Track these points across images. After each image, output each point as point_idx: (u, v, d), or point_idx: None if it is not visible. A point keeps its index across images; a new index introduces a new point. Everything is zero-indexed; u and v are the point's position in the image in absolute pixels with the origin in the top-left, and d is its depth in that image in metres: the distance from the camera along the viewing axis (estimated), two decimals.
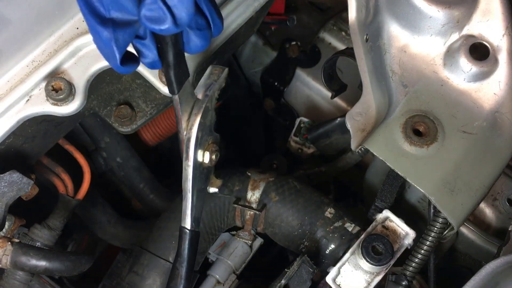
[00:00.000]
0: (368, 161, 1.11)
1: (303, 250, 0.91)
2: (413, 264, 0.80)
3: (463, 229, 0.96)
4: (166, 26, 0.57)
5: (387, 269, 0.80)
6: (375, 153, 0.79)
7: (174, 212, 0.94)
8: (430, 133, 0.80)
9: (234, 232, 1.00)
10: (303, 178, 1.12)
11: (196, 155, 0.75)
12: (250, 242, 0.98)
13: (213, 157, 0.78)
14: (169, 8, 0.56)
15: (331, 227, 0.89)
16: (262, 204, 0.92)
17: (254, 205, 0.93)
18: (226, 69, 0.79)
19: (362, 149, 0.97)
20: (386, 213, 0.84)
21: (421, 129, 0.81)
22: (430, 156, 0.79)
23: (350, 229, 0.88)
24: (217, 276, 0.95)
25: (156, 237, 0.93)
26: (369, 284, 0.79)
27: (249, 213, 0.92)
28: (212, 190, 0.83)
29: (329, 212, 0.90)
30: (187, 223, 0.75)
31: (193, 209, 0.76)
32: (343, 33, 1.27)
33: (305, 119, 1.19)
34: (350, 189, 1.24)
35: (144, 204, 1.27)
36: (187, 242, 0.76)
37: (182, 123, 0.74)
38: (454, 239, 0.97)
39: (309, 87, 1.27)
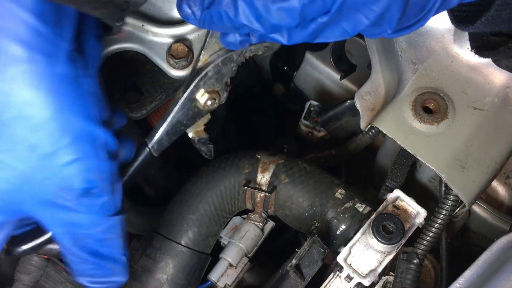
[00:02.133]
0: (379, 144, 1.10)
1: (314, 231, 0.91)
2: (425, 242, 0.80)
3: (475, 208, 0.95)
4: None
5: (399, 248, 0.79)
6: (384, 132, 0.79)
7: (185, 196, 0.95)
8: (440, 110, 0.79)
9: (245, 216, 1.00)
10: (314, 161, 1.12)
11: (196, 90, 0.75)
12: (261, 225, 0.98)
13: (209, 102, 0.76)
14: None
15: (342, 208, 0.88)
16: (272, 186, 0.92)
17: (264, 187, 0.93)
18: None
19: (373, 130, 0.97)
20: (397, 192, 0.83)
21: (431, 106, 0.80)
22: (440, 133, 0.78)
23: (360, 210, 0.88)
24: (229, 259, 0.96)
25: (168, 221, 0.94)
26: (380, 263, 0.79)
27: (260, 195, 0.92)
28: (191, 135, 0.80)
29: (340, 192, 0.90)
30: (152, 141, 0.76)
31: (164, 132, 0.76)
32: None
33: (315, 103, 1.19)
34: (360, 173, 1.23)
35: (156, 191, 1.28)
36: (141, 157, 0.77)
37: (201, 55, 0.75)
38: (466, 217, 0.96)
39: (319, 70, 1.27)
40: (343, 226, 0.88)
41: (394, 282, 0.80)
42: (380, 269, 0.79)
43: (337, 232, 0.88)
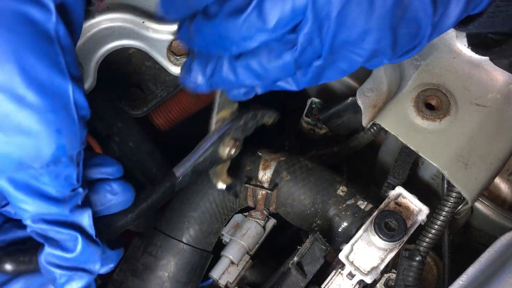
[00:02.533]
0: (380, 141, 1.10)
1: (315, 228, 0.90)
2: (427, 240, 0.79)
3: (478, 205, 0.95)
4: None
5: (401, 246, 0.79)
6: (386, 128, 0.79)
7: (186, 193, 0.95)
8: (443, 106, 0.79)
9: (246, 213, 1.00)
10: (316, 159, 1.11)
11: (227, 134, 0.78)
12: (263, 222, 0.98)
13: (232, 151, 0.80)
14: None
15: (344, 205, 0.88)
16: (274, 183, 0.92)
17: (265, 185, 0.92)
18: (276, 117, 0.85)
19: (375, 128, 0.96)
20: (399, 189, 0.83)
21: (433, 103, 0.80)
22: (442, 130, 0.78)
23: (362, 207, 0.87)
24: (231, 257, 0.96)
25: (169, 218, 0.94)
26: (382, 260, 0.79)
27: (261, 192, 0.92)
28: (220, 186, 0.84)
29: (341, 190, 0.89)
30: (179, 171, 0.75)
31: (191, 167, 0.76)
32: None
33: (317, 100, 1.18)
34: (362, 170, 1.23)
35: None
36: (165, 185, 0.75)
37: (215, 113, 0.77)
38: (468, 214, 0.96)
39: None
40: (345, 224, 0.87)
41: (396, 279, 0.80)
42: (382, 267, 0.78)
43: (339, 230, 0.88)
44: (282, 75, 0.60)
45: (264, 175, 0.93)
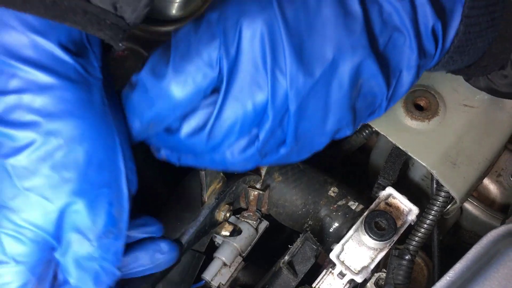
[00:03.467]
0: (372, 145, 1.11)
1: (307, 229, 0.91)
2: (416, 239, 0.80)
3: (467, 205, 0.96)
4: None
5: (391, 245, 0.80)
6: (376, 128, 0.80)
7: (183, 192, 0.95)
8: (432, 107, 0.80)
9: (239, 215, 1.00)
10: (308, 161, 1.12)
11: (222, 200, 0.86)
12: (255, 224, 0.98)
13: (228, 214, 0.88)
14: None
15: (335, 206, 0.89)
16: (266, 184, 0.93)
17: (257, 186, 0.93)
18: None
19: (366, 131, 0.98)
20: (389, 190, 0.83)
21: (422, 104, 0.81)
22: (431, 130, 0.79)
23: (353, 207, 0.88)
24: (223, 258, 0.96)
25: (165, 219, 0.94)
26: (372, 260, 0.79)
27: (253, 193, 0.93)
28: (224, 233, 0.91)
29: (333, 191, 0.90)
30: (184, 239, 0.82)
31: (194, 234, 0.83)
32: None
33: None
34: (355, 173, 1.23)
35: (154, 194, 1.28)
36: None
37: (205, 191, 0.84)
38: (458, 215, 0.97)
39: None
40: (336, 224, 0.88)
41: (386, 278, 0.81)
42: (372, 266, 0.79)
43: (330, 230, 0.88)
44: (248, 165, 0.63)
45: None
